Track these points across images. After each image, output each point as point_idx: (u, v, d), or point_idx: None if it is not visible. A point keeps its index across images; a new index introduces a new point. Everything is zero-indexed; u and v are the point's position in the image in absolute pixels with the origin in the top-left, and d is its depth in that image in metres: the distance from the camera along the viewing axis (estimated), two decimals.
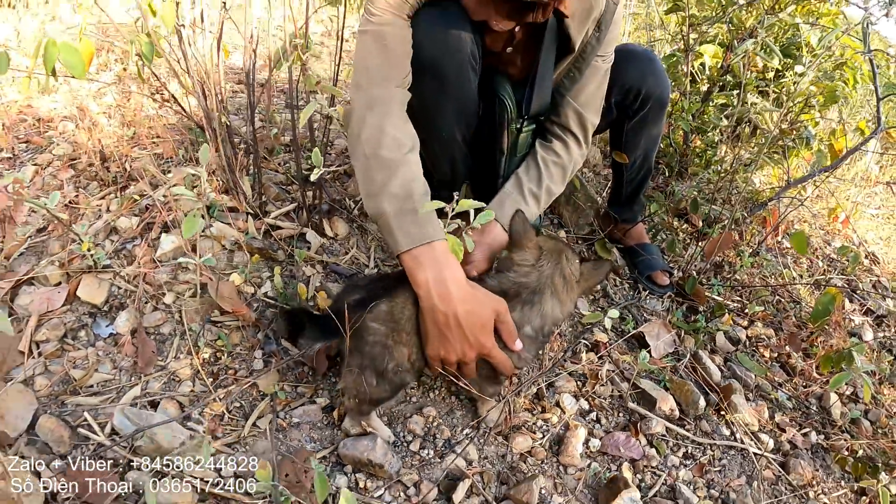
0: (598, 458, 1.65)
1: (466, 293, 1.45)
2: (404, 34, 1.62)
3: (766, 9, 2.91)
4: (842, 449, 1.95)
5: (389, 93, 1.61)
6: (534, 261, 1.58)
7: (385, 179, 1.52)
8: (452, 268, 1.47)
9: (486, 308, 1.47)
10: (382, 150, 1.53)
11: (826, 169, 2.52)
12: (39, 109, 2.60)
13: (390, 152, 1.53)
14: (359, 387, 1.45)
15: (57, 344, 1.60)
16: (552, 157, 1.93)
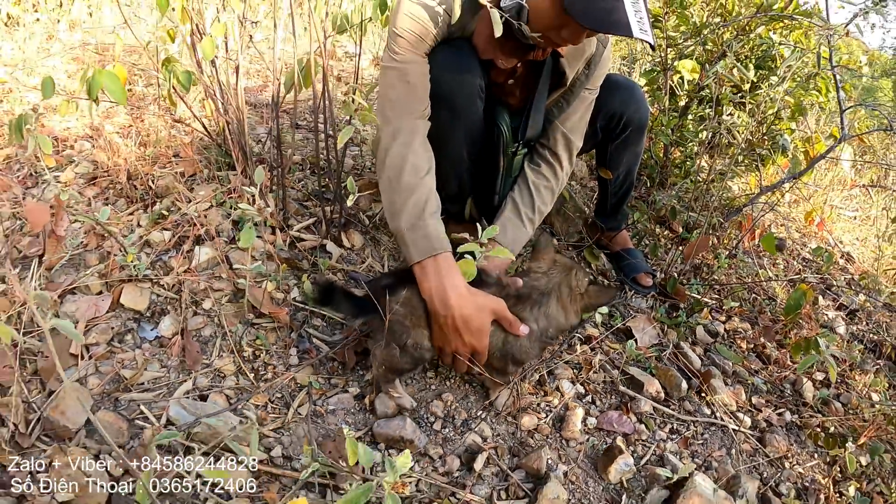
0: (595, 434, 1.91)
1: (464, 300, 1.72)
2: (423, 70, 1.92)
3: (736, 30, 3.18)
4: (815, 426, 2.19)
5: (412, 124, 1.90)
6: (546, 269, 1.88)
7: (403, 201, 1.82)
8: (453, 277, 1.74)
9: (482, 313, 1.75)
10: (404, 176, 1.83)
11: (795, 176, 2.80)
12: (54, 129, 2.78)
13: (409, 177, 1.83)
14: (385, 357, 1.76)
15: (106, 347, 1.77)
16: (543, 181, 2.24)
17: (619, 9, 1.64)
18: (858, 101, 4.06)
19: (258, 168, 1.83)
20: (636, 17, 1.65)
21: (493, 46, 1.97)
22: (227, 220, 2.30)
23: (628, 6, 1.65)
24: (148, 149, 2.67)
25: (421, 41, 1.90)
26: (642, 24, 1.66)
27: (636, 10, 1.66)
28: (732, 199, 3.38)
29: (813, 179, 4.44)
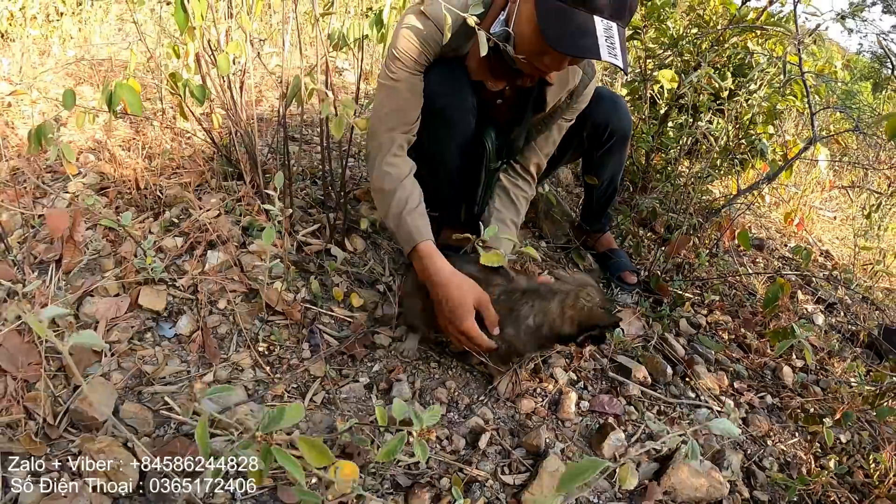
0: (589, 415, 2.08)
1: (448, 280, 1.97)
2: (416, 89, 2.14)
3: (712, 40, 3.38)
4: (795, 407, 2.35)
5: (392, 137, 2.15)
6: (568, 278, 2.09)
7: (387, 205, 2.12)
8: (435, 262, 2.00)
9: (464, 293, 1.96)
10: (384, 185, 2.13)
11: (770, 177, 3.00)
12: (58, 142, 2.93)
13: (388, 185, 2.11)
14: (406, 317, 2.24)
15: (127, 345, 1.90)
16: (522, 192, 2.49)
17: (590, 34, 1.79)
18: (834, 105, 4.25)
19: (278, 173, 2.02)
20: (607, 42, 1.79)
21: (484, 69, 2.19)
22: (236, 226, 2.46)
23: (600, 31, 1.79)
24: (154, 161, 2.82)
25: (415, 61, 2.10)
26: (613, 49, 1.80)
27: (608, 36, 1.79)
28: (712, 202, 3.57)
29: (792, 181, 4.63)
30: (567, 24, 1.81)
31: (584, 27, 1.80)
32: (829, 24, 2.97)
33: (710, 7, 3.40)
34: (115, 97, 2.05)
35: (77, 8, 5.10)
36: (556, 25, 1.82)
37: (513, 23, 1.98)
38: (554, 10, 1.82)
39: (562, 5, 1.81)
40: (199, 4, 2.25)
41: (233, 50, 2.28)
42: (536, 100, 2.30)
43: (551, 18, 1.83)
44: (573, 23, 1.80)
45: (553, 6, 1.82)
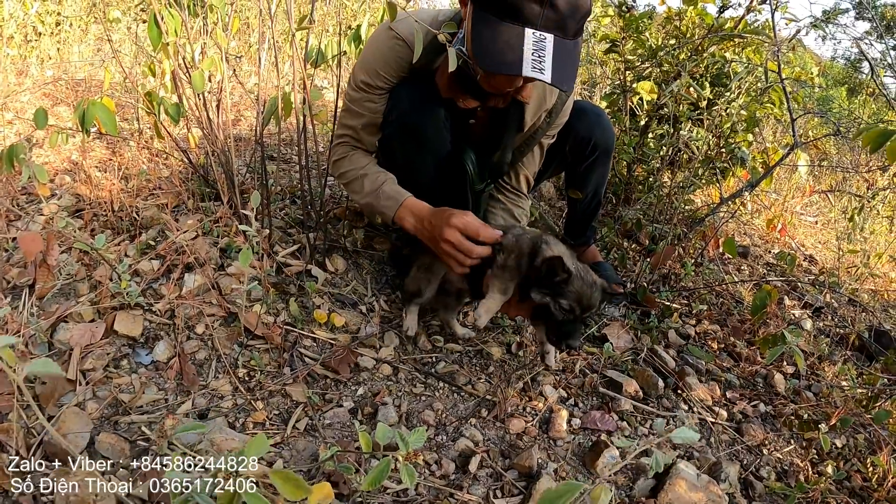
0: (581, 433, 1.99)
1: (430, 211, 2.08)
2: (376, 107, 2.21)
3: (690, 51, 3.34)
4: (788, 414, 2.29)
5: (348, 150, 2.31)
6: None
7: (359, 189, 2.25)
8: (419, 209, 2.11)
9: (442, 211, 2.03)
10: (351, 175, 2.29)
11: (752, 184, 2.95)
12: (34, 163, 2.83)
13: (352, 175, 2.27)
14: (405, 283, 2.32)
15: (102, 372, 1.80)
16: (521, 210, 2.52)
17: (514, 49, 1.70)
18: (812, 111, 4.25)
19: (255, 192, 1.92)
20: (533, 56, 1.69)
21: (452, 86, 2.12)
22: (214, 248, 2.37)
23: (527, 45, 1.69)
24: (130, 182, 2.73)
25: (374, 85, 2.15)
26: (539, 62, 1.70)
27: (536, 49, 1.70)
28: (695, 211, 3.52)
29: (773, 188, 4.61)
30: (495, 40, 1.73)
31: (510, 42, 1.71)
32: (804, 31, 2.93)
33: (687, 18, 3.35)
34: (89, 116, 1.96)
35: (55, 28, 5.01)
36: (485, 43, 1.75)
37: (465, 41, 1.92)
38: (486, 27, 1.75)
39: (494, 19, 1.73)
40: (172, 20, 2.17)
41: (207, 67, 2.20)
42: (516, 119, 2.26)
43: (481, 35, 1.76)
44: (501, 38, 1.72)
45: (486, 21, 1.75)
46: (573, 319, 1.91)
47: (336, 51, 2.35)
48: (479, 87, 2.01)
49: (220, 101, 2.44)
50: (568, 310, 1.89)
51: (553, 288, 1.89)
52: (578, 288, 1.88)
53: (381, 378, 2.06)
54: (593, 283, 1.93)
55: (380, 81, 2.15)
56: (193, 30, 2.35)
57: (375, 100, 2.19)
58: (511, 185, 2.50)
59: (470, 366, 2.22)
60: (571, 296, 1.88)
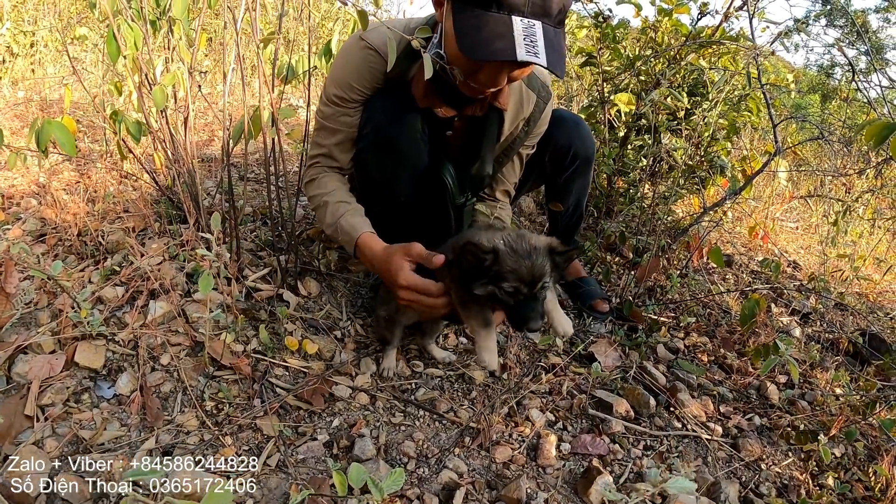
0: (571, 458, 1.85)
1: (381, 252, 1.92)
2: (350, 122, 2.08)
3: (668, 59, 3.24)
4: (785, 426, 2.18)
5: (321, 171, 2.16)
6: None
7: (322, 217, 2.12)
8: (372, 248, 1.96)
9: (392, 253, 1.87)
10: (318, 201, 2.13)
11: (735, 192, 2.84)
12: None
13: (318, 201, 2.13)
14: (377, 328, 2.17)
15: (62, 407, 1.68)
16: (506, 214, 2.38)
17: (504, 36, 1.61)
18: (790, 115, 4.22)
19: (214, 214, 1.76)
20: (525, 41, 1.61)
21: (430, 94, 2.00)
22: (181, 273, 2.22)
23: (517, 31, 1.61)
24: (97, 205, 2.59)
25: (348, 98, 2.03)
26: (532, 47, 1.62)
27: (527, 35, 1.61)
28: (678, 221, 3.42)
29: (752, 195, 4.55)
30: (481, 30, 1.63)
31: (499, 30, 1.62)
32: (781, 36, 2.84)
33: (662, 29, 3.26)
34: (44, 136, 1.82)
35: (30, 49, 4.87)
36: (471, 34, 1.65)
37: (443, 45, 1.81)
38: (469, 19, 1.65)
39: (478, 11, 1.64)
40: (131, 33, 2.02)
41: (169, 82, 2.05)
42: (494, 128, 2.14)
43: (466, 28, 1.66)
44: (487, 28, 1.63)
45: (469, 13, 1.65)
46: (525, 299, 1.66)
47: (307, 66, 2.22)
48: (457, 93, 1.90)
49: (186, 118, 2.28)
50: (513, 291, 1.64)
51: (487, 274, 1.65)
52: (513, 264, 1.63)
53: (357, 408, 1.91)
54: (532, 250, 1.66)
55: (353, 94, 2.02)
56: (156, 43, 2.20)
57: (351, 113, 2.05)
58: (491, 195, 2.40)
59: (451, 391, 2.07)
60: (509, 275, 1.63)
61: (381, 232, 2.04)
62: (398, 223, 2.19)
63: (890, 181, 5.30)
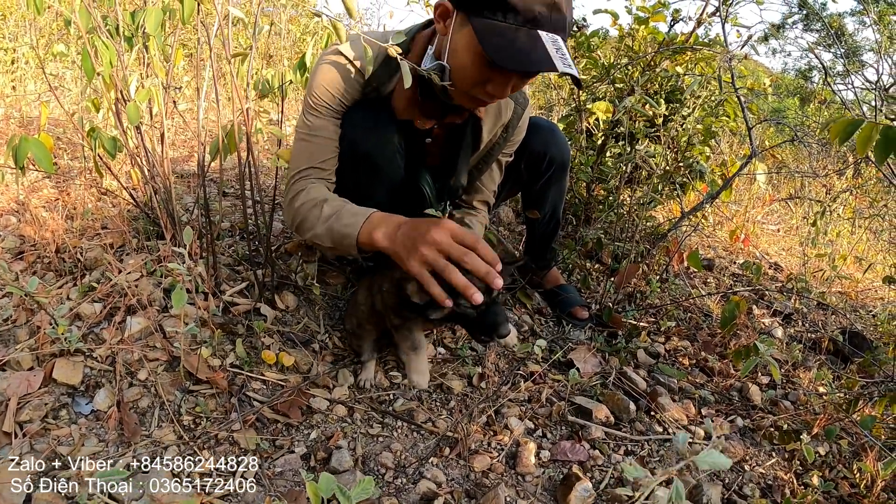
0: (551, 465, 1.83)
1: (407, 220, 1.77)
2: (332, 135, 2.01)
3: (643, 66, 3.25)
4: (767, 426, 2.16)
5: (306, 184, 2.02)
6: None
7: (317, 215, 1.92)
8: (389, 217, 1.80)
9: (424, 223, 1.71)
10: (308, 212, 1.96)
11: (713, 196, 2.84)
12: None
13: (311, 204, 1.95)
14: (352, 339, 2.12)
15: (40, 423, 1.65)
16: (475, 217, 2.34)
17: (538, 48, 1.62)
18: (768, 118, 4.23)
19: (186, 228, 1.74)
20: (558, 54, 1.63)
21: (411, 107, 2.00)
22: (158, 288, 2.20)
23: (548, 44, 1.63)
24: (76, 221, 2.56)
25: (330, 107, 1.97)
26: (565, 60, 1.64)
27: (557, 48, 1.64)
28: (657, 227, 3.42)
29: (733, 199, 4.56)
30: (513, 42, 1.63)
31: (531, 43, 1.63)
32: (754, 42, 2.85)
33: (639, 37, 3.27)
34: (21, 153, 1.79)
35: (11, 66, 4.83)
36: (502, 46, 1.64)
37: (445, 57, 1.79)
38: (496, 32, 1.64)
39: (503, 24, 1.64)
40: (107, 51, 2.00)
41: (143, 98, 2.03)
42: (474, 137, 2.13)
43: (494, 40, 1.64)
44: (518, 40, 1.63)
45: (494, 27, 1.64)
46: (486, 307, 1.65)
47: (282, 81, 2.21)
48: (441, 105, 1.91)
49: (163, 134, 2.26)
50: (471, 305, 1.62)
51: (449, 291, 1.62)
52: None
53: (335, 420, 1.88)
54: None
55: (333, 104, 1.99)
56: (130, 59, 2.18)
57: (331, 126, 2.02)
58: (468, 202, 2.38)
59: (430, 401, 2.03)
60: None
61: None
62: None
63: (868, 180, 5.34)
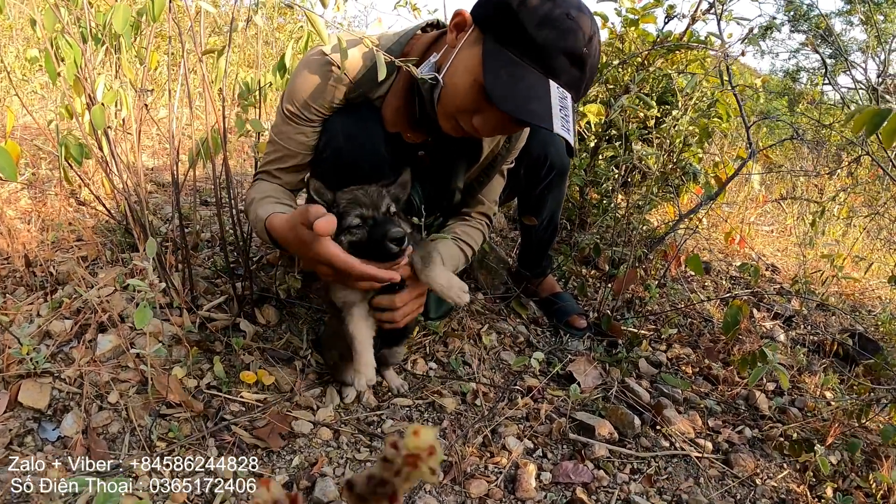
0: (553, 489, 1.69)
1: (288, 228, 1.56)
2: (293, 147, 1.85)
3: (636, 66, 3.12)
4: (777, 436, 2.05)
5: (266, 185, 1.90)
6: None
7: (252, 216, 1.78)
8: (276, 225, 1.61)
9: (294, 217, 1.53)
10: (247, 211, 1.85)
11: (711, 197, 2.70)
12: None
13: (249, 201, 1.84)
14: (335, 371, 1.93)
15: (3, 451, 1.53)
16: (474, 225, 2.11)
17: (543, 99, 1.47)
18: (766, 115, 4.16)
19: (150, 240, 1.58)
20: (561, 113, 1.47)
21: (402, 120, 1.84)
22: (130, 304, 2.04)
23: (554, 98, 1.47)
24: (49, 233, 2.40)
25: (301, 118, 1.82)
26: (566, 122, 1.48)
27: (562, 106, 1.48)
28: (653, 231, 3.29)
29: (726, 200, 4.46)
30: (517, 81, 1.48)
31: (536, 90, 1.47)
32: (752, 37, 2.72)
33: (629, 38, 3.15)
34: None
35: None
36: (505, 82, 1.48)
37: (444, 72, 1.61)
38: (506, 63, 1.49)
39: (514, 58, 1.48)
40: (71, 51, 1.85)
41: (110, 101, 1.87)
42: (472, 148, 1.95)
43: (500, 72, 1.49)
44: (524, 82, 1.48)
45: (504, 57, 1.49)
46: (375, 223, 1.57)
47: (264, 82, 2.06)
48: (433, 121, 1.71)
49: (138, 139, 2.11)
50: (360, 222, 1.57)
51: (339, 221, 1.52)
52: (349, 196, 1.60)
53: (319, 444, 1.72)
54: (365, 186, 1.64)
55: (309, 113, 1.80)
56: (97, 60, 2.02)
57: (307, 133, 1.83)
58: (471, 216, 2.16)
59: (421, 421, 1.88)
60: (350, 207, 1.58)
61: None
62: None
63: (862, 179, 5.25)
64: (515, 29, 1.47)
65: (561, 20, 1.46)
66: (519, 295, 2.67)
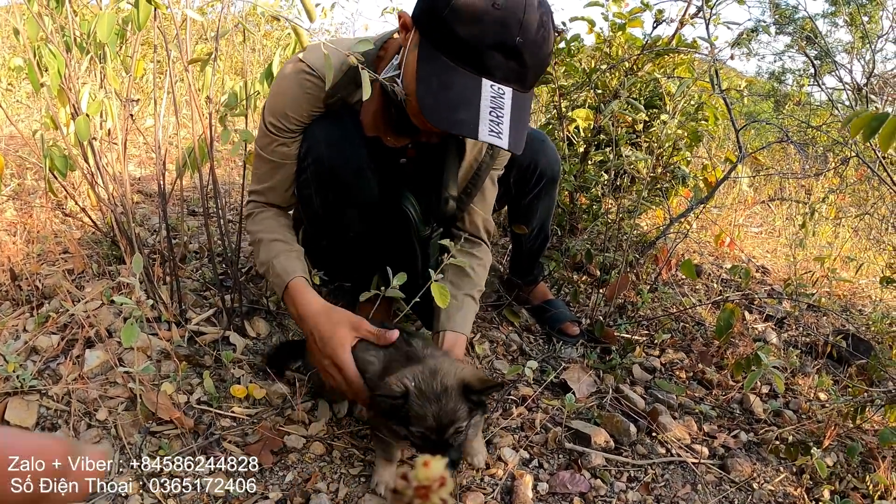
0: (550, 499, 1.66)
1: (318, 311, 1.69)
2: (288, 151, 1.83)
3: (625, 70, 3.09)
4: (772, 439, 2.03)
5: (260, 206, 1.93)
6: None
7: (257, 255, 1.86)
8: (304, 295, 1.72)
9: (336, 324, 1.65)
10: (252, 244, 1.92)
11: (701, 201, 2.68)
12: None
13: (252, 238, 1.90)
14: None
15: None
16: (477, 261, 2.04)
17: (471, 104, 1.42)
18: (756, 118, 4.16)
19: (136, 256, 1.54)
20: (491, 115, 1.41)
21: (380, 122, 1.80)
22: (118, 318, 2.00)
23: (485, 101, 1.41)
24: (35, 245, 2.36)
25: (283, 129, 1.79)
26: (497, 123, 1.42)
27: (494, 107, 1.42)
28: (644, 235, 3.27)
29: (715, 202, 4.46)
30: (447, 88, 1.43)
31: (465, 95, 1.42)
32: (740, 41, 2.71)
33: (616, 43, 3.12)
34: None
35: None
36: (435, 91, 1.44)
37: (403, 72, 1.58)
38: (435, 69, 1.45)
39: (446, 61, 1.43)
40: (54, 60, 1.81)
41: (94, 111, 1.83)
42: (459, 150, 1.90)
43: (430, 78, 1.45)
44: (454, 88, 1.43)
45: (436, 62, 1.45)
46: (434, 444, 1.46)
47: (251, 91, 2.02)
48: (410, 125, 1.68)
49: (125, 149, 2.06)
50: (420, 436, 1.45)
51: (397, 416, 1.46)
52: (419, 409, 1.43)
53: (312, 459, 1.68)
54: (442, 393, 1.44)
55: (289, 123, 1.77)
56: (82, 69, 1.98)
57: (288, 143, 1.80)
58: (465, 230, 2.10)
59: None
60: (416, 421, 1.44)
61: (331, 269, 1.86)
62: (350, 259, 2.00)
63: (850, 179, 5.26)
64: (444, 31, 1.43)
65: (486, 13, 1.38)
66: (511, 303, 2.64)
